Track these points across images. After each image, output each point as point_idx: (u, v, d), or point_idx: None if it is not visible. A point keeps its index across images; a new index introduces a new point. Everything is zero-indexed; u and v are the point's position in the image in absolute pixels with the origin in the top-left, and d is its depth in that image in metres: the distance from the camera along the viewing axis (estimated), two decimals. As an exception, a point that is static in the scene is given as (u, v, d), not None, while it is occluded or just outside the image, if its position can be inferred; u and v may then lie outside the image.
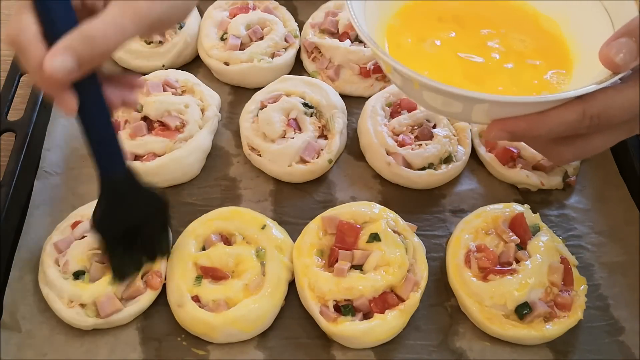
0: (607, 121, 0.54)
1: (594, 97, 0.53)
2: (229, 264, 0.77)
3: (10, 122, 0.89)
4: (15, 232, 0.82)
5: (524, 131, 0.54)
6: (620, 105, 0.53)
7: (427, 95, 0.58)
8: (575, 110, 0.53)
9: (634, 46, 0.51)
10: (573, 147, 0.58)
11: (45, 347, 0.73)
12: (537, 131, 0.54)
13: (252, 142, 0.90)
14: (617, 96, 0.53)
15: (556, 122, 0.53)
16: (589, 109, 0.53)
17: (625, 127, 0.57)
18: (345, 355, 0.74)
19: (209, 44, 1.01)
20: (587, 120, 0.53)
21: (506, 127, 0.54)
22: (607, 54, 0.52)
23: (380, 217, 0.79)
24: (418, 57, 0.66)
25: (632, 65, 0.52)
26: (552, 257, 0.76)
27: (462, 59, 0.65)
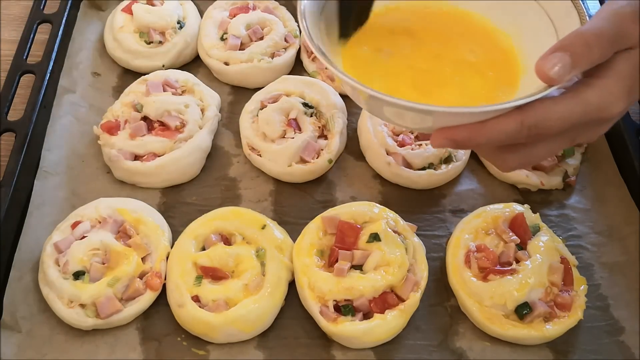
0: (544, 131, 0.55)
1: (532, 107, 0.55)
2: (229, 264, 0.77)
3: (10, 122, 0.89)
4: (15, 232, 0.82)
5: (465, 140, 0.56)
6: (557, 116, 0.55)
7: (375, 105, 0.60)
8: (514, 120, 0.54)
9: (568, 60, 0.53)
10: (517, 155, 0.59)
11: (45, 347, 0.74)
12: (478, 140, 0.56)
13: (252, 142, 0.90)
14: (554, 107, 0.55)
15: (495, 131, 0.55)
16: (527, 119, 0.54)
17: (565, 137, 0.59)
18: (345, 355, 0.74)
19: (209, 44, 1.01)
20: (525, 130, 0.55)
21: (449, 136, 0.56)
22: (542, 68, 0.54)
23: (380, 217, 0.79)
24: (371, 67, 0.68)
25: (566, 78, 0.54)
26: (552, 257, 0.76)
27: (413, 69, 0.67)
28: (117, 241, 0.78)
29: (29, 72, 0.95)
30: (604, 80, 0.55)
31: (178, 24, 1.03)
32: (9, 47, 1.03)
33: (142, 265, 0.77)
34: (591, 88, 0.55)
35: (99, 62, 1.03)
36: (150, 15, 1.01)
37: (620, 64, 0.55)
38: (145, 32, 1.01)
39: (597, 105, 0.55)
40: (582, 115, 0.55)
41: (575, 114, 0.55)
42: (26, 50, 0.97)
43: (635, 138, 0.89)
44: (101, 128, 0.90)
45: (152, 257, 0.78)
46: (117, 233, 0.80)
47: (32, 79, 0.94)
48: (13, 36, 1.07)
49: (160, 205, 0.87)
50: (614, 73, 0.55)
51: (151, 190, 0.88)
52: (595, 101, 0.55)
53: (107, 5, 1.10)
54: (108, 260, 0.77)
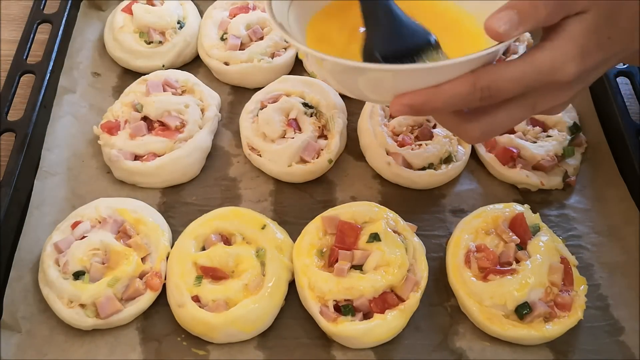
0: (497, 93, 0.56)
1: (485, 69, 0.56)
2: (229, 264, 0.77)
3: (10, 122, 0.89)
4: (15, 232, 0.82)
5: (422, 104, 0.57)
6: (509, 77, 0.55)
7: (334, 74, 0.61)
8: (466, 82, 0.55)
9: (515, 17, 0.54)
10: (480, 123, 0.60)
11: (45, 347, 0.74)
12: (434, 104, 0.56)
13: (252, 142, 0.90)
14: (506, 69, 0.56)
15: (450, 94, 0.56)
16: (479, 81, 0.55)
17: (523, 103, 0.59)
18: (345, 355, 0.74)
19: (209, 44, 1.01)
20: (478, 91, 0.55)
21: (406, 101, 0.57)
22: (490, 25, 0.55)
23: (380, 217, 0.79)
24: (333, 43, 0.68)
25: (514, 35, 0.55)
26: (552, 257, 0.76)
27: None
28: (117, 241, 0.78)
29: (29, 72, 0.95)
30: (555, 42, 0.56)
31: (178, 24, 1.03)
32: (9, 47, 1.03)
33: (142, 265, 0.77)
34: (542, 50, 0.56)
35: (99, 62, 1.03)
36: (150, 15, 1.01)
37: (571, 26, 0.56)
38: (145, 32, 1.01)
39: (549, 66, 0.56)
40: (535, 77, 0.56)
41: (527, 74, 0.56)
42: (26, 50, 0.97)
43: (635, 138, 0.89)
44: (101, 128, 0.90)
45: (152, 257, 0.78)
46: (117, 233, 0.80)
47: (32, 79, 0.94)
48: (13, 36, 1.07)
49: (160, 205, 0.87)
50: (565, 34, 0.56)
51: (151, 190, 0.88)
52: (547, 62, 0.56)
53: (107, 5, 1.10)
54: (108, 260, 0.77)
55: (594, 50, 0.58)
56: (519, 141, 0.89)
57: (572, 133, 0.91)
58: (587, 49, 0.57)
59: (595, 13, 0.56)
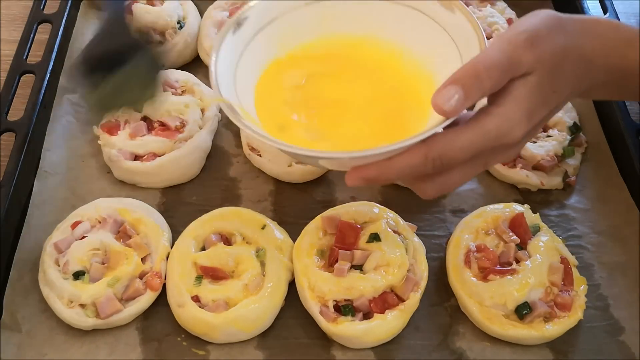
0: (448, 161, 0.56)
1: (435, 140, 0.56)
2: (229, 264, 0.77)
3: (10, 122, 0.89)
4: (15, 232, 0.82)
5: (376, 177, 0.57)
6: (459, 147, 0.56)
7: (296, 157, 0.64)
8: (418, 154, 0.56)
9: (461, 93, 0.54)
10: (433, 184, 0.60)
11: (45, 347, 0.74)
12: (388, 175, 0.57)
13: (252, 142, 0.90)
14: (455, 139, 0.56)
15: (402, 166, 0.56)
16: (430, 153, 0.55)
17: (475, 163, 0.60)
18: (345, 355, 0.74)
19: (209, 44, 1.01)
20: (430, 162, 0.56)
21: (360, 175, 0.58)
22: (436, 102, 0.54)
23: (380, 217, 0.79)
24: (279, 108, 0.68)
25: (460, 110, 0.55)
26: (552, 257, 0.76)
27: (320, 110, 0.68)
28: (117, 241, 0.78)
29: (29, 72, 0.95)
30: (501, 107, 0.56)
31: (178, 24, 1.03)
32: (9, 47, 1.03)
33: (142, 265, 0.77)
34: (490, 116, 0.56)
35: (99, 62, 1.03)
36: (150, 15, 1.01)
37: (517, 90, 0.56)
38: (145, 32, 1.01)
39: (496, 133, 0.56)
40: (484, 144, 0.56)
41: (476, 143, 0.56)
42: (26, 50, 0.97)
43: (635, 138, 0.89)
44: (101, 128, 0.90)
45: (152, 257, 0.78)
46: (117, 233, 0.80)
47: (32, 79, 0.94)
48: (13, 36, 1.07)
49: (160, 205, 0.87)
50: (511, 99, 0.56)
51: (151, 190, 0.88)
52: (494, 129, 0.56)
53: (107, 6, 1.10)
54: (108, 260, 0.77)
55: (539, 108, 0.58)
56: (519, 141, 0.89)
57: (572, 133, 0.91)
58: (533, 109, 0.57)
59: (540, 72, 0.57)
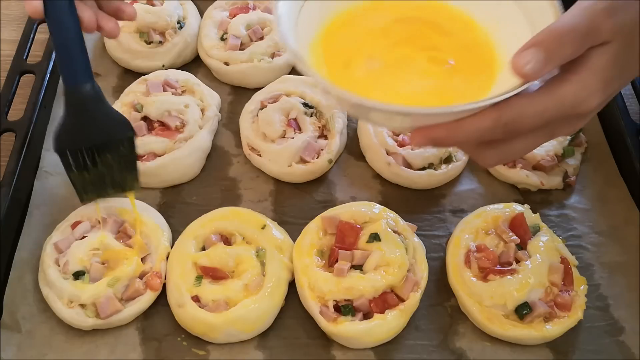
0: (520, 127, 0.56)
1: (508, 105, 0.55)
2: (229, 264, 0.77)
3: (10, 122, 0.89)
4: (15, 232, 0.82)
5: (443, 138, 0.57)
6: (532, 112, 0.55)
7: (356, 109, 0.60)
8: (489, 117, 0.55)
9: (542, 56, 0.53)
10: (496, 150, 0.59)
11: (45, 347, 0.74)
12: (456, 138, 0.56)
13: (252, 142, 0.90)
14: (529, 104, 0.55)
15: (472, 129, 0.55)
16: (502, 117, 0.55)
17: (542, 132, 0.59)
18: (345, 355, 0.74)
19: (209, 44, 1.01)
20: (501, 127, 0.55)
21: (427, 135, 0.57)
22: (517, 64, 0.54)
23: (380, 217, 0.79)
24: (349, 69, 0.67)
25: (541, 74, 0.54)
26: (552, 257, 0.76)
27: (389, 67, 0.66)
28: (117, 241, 0.78)
29: (29, 72, 0.95)
30: (578, 75, 0.55)
31: (178, 24, 1.03)
32: (9, 47, 1.03)
33: (142, 265, 0.77)
34: (566, 83, 0.55)
35: (99, 62, 1.03)
36: (150, 15, 1.01)
37: (595, 58, 0.55)
38: (145, 32, 1.01)
39: (572, 100, 0.55)
40: (558, 111, 0.55)
41: (550, 109, 0.55)
42: (26, 50, 0.97)
43: (635, 138, 0.89)
44: (101, 128, 0.90)
45: (152, 257, 0.78)
46: (117, 233, 0.80)
47: (32, 79, 0.94)
48: (13, 36, 1.07)
49: (160, 205, 0.87)
50: (588, 67, 0.55)
51: (151, 190, 0.88)
52: (570, 96, 0.55)
53: None
54: (108, 260, 0.77)
55: (615, 79, 0.57)
56: (519, 141, 0.89)
57: (572, 133, 0.91)
58: (610, 79, 0.56)
59: (619, 42, 0.55)
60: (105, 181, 0.75)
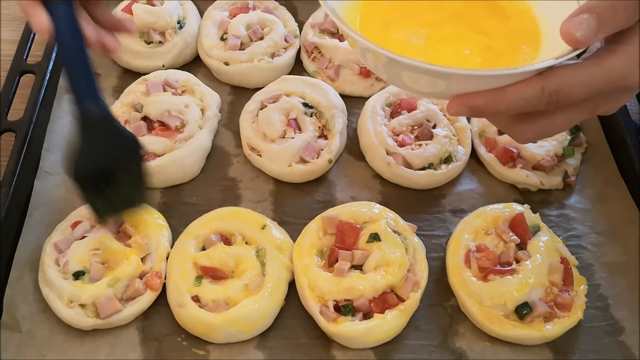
0: (565, 98, 0.54)
1: (554, 73, 0.53)
2: (229, 264, 0.77)
3: (10, 122, 0.89)
4: (15, 232, 0.82)
5: (483, 106, 0.54)
6: (579, 82, 0.53)
7: (390, 69, 0.58)
8: (534, 86, 0.53)
9: (594, 22, 0.52)
10: (535, 125, 0.58)
11: (45, 347, 0.74)
12: (496, 107, 0.54)
13: (252, 142, 0.90)
14: (577, 73, 0.53)
15: (515, 98, 0.53)
16: (548, 85, 0.53)
17: (586, 107, 0.57)
18: (345, 355, 0.74)
19: (209, 44, 1.01)
20: (546, 96, 0.53)
21: (466, 102, 0.55)
22: (567, 30, 0.52)
23: (380, 217, 0.79)
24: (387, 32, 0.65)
25: (592, 41, 0.52)
26: (552, 257, 0.76)
27: (429, 34, 0.65)
28: (117, 241, 0.78)
29: (29, 72, 0.95)
30: (629, 47, 0.53)
31: (178, 24, 1.03)
32: (9, 47, 1.03)
33: (142, 265, 0.77)
34: (615, 55, 0.53)
35: (99, 62, 1.03)
36: (150, 15, 1.01)
37: None
38: (145, 32, 1.01)
39: (620, 72, 0.53)
40: (606, 83, 0.53)
41: (598, 80, 0.53)
42: (26, 50, 0.97)
43: (635, 138, 0.89)
44: (101, 128, 0.90)
45: (152, 257, 0.78)
46: (117, 233, 0.80)
47: (32, 79, 0.94)
48: (13, 36, 1.07)
49: (160, 205, 0.87)
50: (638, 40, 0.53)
51: (151, 190, 0.88)
52: (619, 68, 0.53)
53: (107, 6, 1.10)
54: (108, 260, 0.77)
55: None
56: (519, 141, 0.89)
57: (572, 133, 0.91)
58: None
59: None
60: (119, 199, 0.75)
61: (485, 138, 0.92)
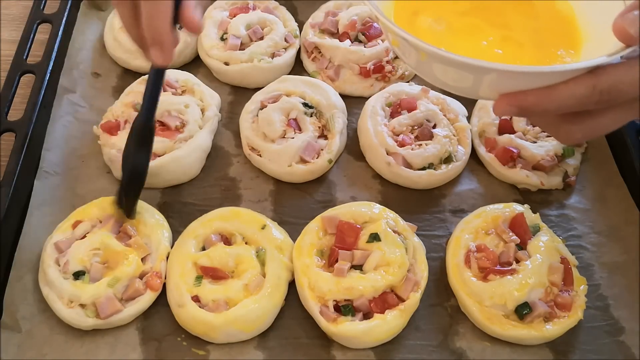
0: (617, 97, 0.53)
1: (605, 71, 0.52)
2: (229, 264, 0.77)
3: (10, 122, 0.89)
4: (15, 232, 0.82)
5: (532, 105, 0.53)
6: (631, 80, 0.52)
7: (437, 67, 0.56)
8: (586, 84, 0.52)
9: None
10: (582, 125, 0.56)
11: (45, 347, 0.73)
12: (546, 105, 0.53)
13: (252, 142, 0.90)
14: (629, 71, 0.52)
15: (565, 96, 0.52)
16: (600, 84, 0.52)
17: (635, 106, 0.56)
18: (345, 355, 0.74)
19: (209, 44, 1.01)
20: (597, 95, 0.52)
21: (514, 102, 0.53)
22: (621, 26, 0.51)
23: (380, 217, 0.79)
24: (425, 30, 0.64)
25: None
26: (552, 257, 0.76)
27: (472, 33, 0.64)
28: (118, 241, 0.78)
29: (29, 72, 0.95)
30: None
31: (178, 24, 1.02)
32: (9, 47, 1.03)
33: (142, 265, 0.77)
34: None
35: (99, 62, 1.03)
36: (150, 15, 1.01)
37: None
38: None
39: None
40: None
41: None
42: (26, 50, 0.97)
43: (635, 138, 0.89)
44: (101, 128, 0.90)
45: (152, 257, 0.78)
46: (118, 233, 0.80)
47: (32, 79, 0.94)
48: (13, 36, 1.07)
49: (160, 205, 0.87)
50: None
51: (151, 190, 0.88)
52: None
53: (107, 5, 1.10)
54: (108, 260, 0.77)
55: None
56: (519, 141, 0.89)
57: (572, 133, 0.91)
58: None
59: None
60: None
61: (485, 138, 0.92)
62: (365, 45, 1.00)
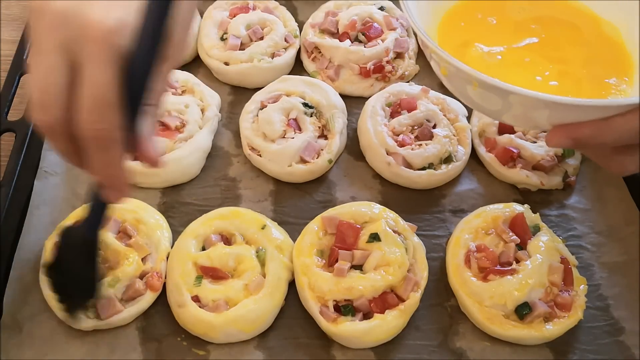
0: None
1: None
2: (229, 264, 0.77)
3: (10, 122, 0.89)
4: (15, 232, 0.82)
5: (588, 138, 0.52)
6: None
7: (485, 96, 0.55)
8: None
9: None
10: (636, 156, 0.55)
11: (45, 347, 0.73)
12: (603, 138, 0.52)
13: (252, 142, 0.90)
14: None
15: (624, 129, 0.51)
16: None
17: None
18: (345, 355, 0.74)
19: (209, 44, 1.01)
20: None
21: (570, 134, 0.52)
22: None
23: (380, 217, 0.79)
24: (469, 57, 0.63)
25: None
26: (552, 257, 0.76)
27: (521, 63, 0.63)
28: (118, 241, 0.78)
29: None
30: None
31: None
32: (9, 47, 1.03)
33: (142, 265, 0.77)
34: None
35: (99, 62, 1.03)
36: (150, 15, 1.01)
37: None
38: None
39: None
40: None
41: None
42: (26, 50, 0.97)
43: (635, 138, 0.89)
44: (101, 128, 0.90)
45: (153, 257, 0.78)
46: (117, 233, 0.80)
47: (32, 79, 0.94)
48: (13, 36, 1.07)
49: (160, 205, 0.87)
50: None
51: (151, 190, 0.88)
52: None
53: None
54: (108, 260, 0.77)
55: None
56: (519, 141, 0.89)
57: (572, 133, 0.91)
58: None
59: None
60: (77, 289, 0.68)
61: (485, 138, 0.92)
62: (365, 45, 1.00)
